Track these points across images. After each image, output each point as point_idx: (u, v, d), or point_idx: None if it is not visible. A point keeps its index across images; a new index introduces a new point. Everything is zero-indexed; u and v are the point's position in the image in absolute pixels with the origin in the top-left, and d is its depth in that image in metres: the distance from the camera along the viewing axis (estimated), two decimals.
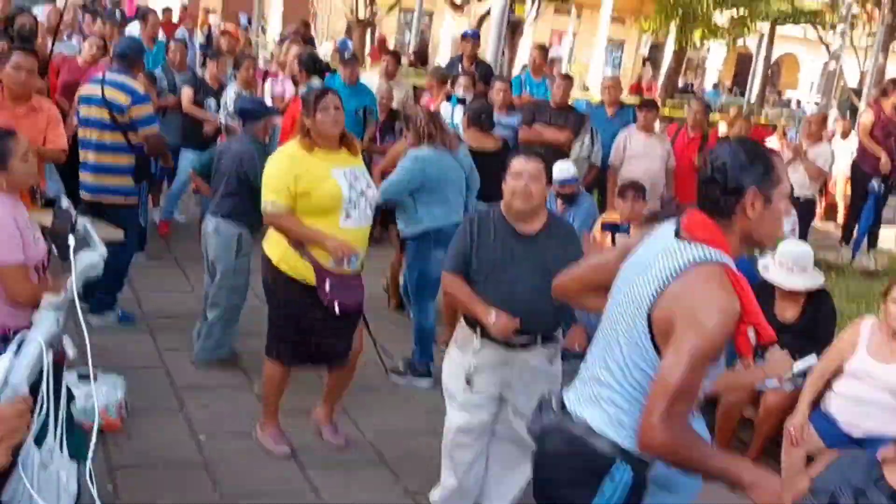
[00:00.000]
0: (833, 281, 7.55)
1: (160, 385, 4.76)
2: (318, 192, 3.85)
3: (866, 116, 8.51)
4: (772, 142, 11.23)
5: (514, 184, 3.39)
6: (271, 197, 3.88)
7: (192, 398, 4.64)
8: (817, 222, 10.01)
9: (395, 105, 7.81)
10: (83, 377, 3.88)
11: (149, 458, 4.03)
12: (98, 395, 4.06)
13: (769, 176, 2.11)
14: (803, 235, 7.71)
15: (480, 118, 5.99)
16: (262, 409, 4.29)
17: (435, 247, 4.87)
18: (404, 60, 20.36)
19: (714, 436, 4.22)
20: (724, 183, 2.10)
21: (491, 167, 5.32)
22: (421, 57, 18.31)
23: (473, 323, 3.49)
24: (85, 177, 5.42)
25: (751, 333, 2.12)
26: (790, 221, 7.38)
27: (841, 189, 11.33)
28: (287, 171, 3.88)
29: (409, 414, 4.80)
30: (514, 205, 3.40)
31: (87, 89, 5.45)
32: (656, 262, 2.14)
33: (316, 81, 7.09)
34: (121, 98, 5.30)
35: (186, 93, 7.27)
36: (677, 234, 2.17)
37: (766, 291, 4.46)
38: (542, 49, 8.77)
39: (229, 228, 4.91)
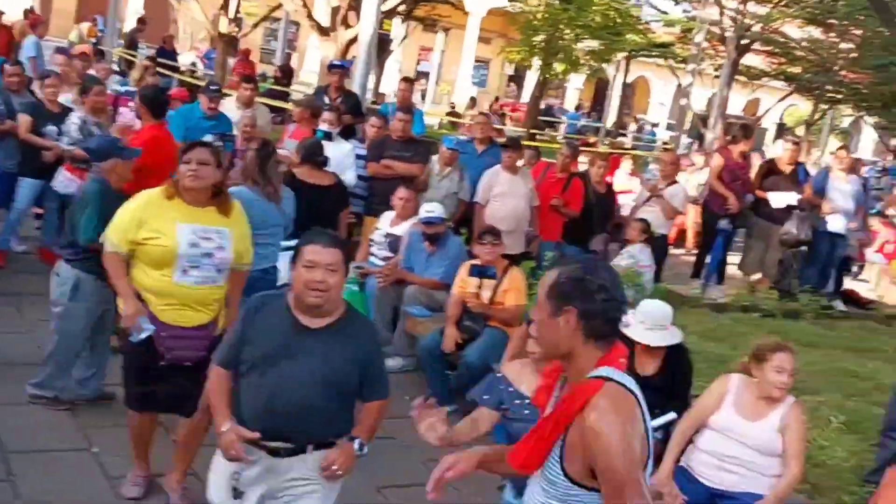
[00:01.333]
0: (685, 314, 7.83)
1: None
2: (154, 242, 3.78)
3: (716, 160, 8.98)
4: (621, 174, 11.76)
5: (307, 276, 2.93)
6: (111, 238, 3.86)
7: (24, 464, 4.20)
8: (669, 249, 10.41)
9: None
10: None
11: None
12: None
13: None
14: (659, 270, 7.99)
15: (313, 155, 5.99)
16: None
17: None
18: (270, 71, 19.90)
19: None
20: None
21: (324, 202, 5.23)
22: (287, 73, 17.93)
23: None
24: None
25: None
26: (647, 257, 7.64)
27: (692, 217, 11.91)
28: (133, 215, 3.82)
29: None
30: (307, 300, 2.97)
31: None
32: None
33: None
34: None
35: (24, 120, 6.80)
36: None
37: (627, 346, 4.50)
38: (409, 81, 8.72)
39: (68, 271, 4.64)
